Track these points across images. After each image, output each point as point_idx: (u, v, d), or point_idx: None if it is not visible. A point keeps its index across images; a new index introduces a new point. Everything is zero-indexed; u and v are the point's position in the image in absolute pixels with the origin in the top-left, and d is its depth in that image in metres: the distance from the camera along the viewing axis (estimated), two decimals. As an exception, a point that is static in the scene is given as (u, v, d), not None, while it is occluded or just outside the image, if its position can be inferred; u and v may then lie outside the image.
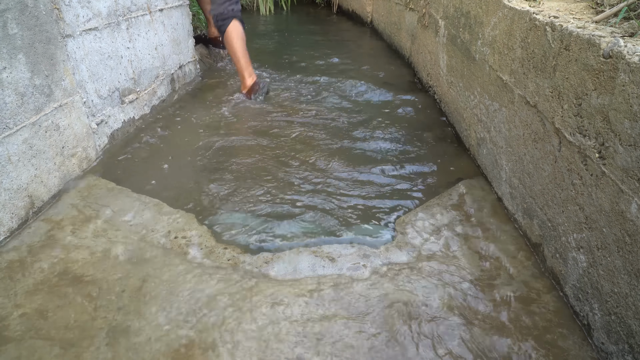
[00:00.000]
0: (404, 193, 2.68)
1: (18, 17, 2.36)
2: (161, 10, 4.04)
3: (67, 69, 2.77)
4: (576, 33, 1.84)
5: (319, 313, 1.81)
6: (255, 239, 2.27)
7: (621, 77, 1.56)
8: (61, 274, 1.98)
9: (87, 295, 1.87)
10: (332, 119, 3.68)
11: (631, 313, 1.57)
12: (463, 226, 2.36)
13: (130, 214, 2.42)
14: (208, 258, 2.12)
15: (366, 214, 2.48)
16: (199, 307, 1.83)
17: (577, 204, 1.87)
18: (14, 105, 2.36)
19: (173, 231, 2.30)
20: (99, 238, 2.23)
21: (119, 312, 1.81)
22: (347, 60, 5.35)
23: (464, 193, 2.67)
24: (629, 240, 1.56)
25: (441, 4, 3.90)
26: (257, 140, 3.29)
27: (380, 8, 6.86)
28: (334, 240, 2.26)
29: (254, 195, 2.61)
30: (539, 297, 1.91)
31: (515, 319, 1.80)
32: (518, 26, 2.36)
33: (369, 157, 3.09)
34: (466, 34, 3.19)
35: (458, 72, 3.42)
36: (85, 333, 1.71)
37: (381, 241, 2.26)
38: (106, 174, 2.83)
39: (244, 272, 2.03)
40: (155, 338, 1.70)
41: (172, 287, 1.94)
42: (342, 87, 4.38)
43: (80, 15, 2.89)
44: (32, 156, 2.50)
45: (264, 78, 4.58)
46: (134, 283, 1.96)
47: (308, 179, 2.79)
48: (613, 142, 1.62)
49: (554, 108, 2.02)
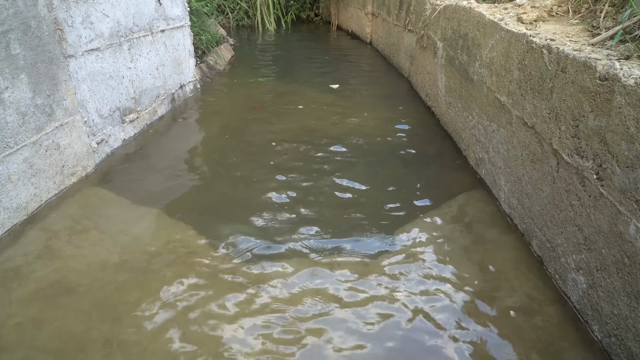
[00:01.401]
0: (403, 205, 2.68)
1: (21, 37, 2.39)
2: (163, 31, 4.09)
3: (69, 89, 2.80)
4: (572, 55, 1.87)
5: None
6: (253, 247, 2.28)
7: (617, 100, 1.58)
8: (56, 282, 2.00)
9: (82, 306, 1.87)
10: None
11: (631, 335, 1.56)
12: (463, 237, 2.37)
13: (128, 224, 2.44)
14: (207, 267, 2.13)
15: (366, 225, 2.49)
16: (194, 315, 1.84)
17: (576, 225, 1.87)
18: (15, 124, 2.38)
19: (171, 241, 2.31)
20: (95, 247, 2.25)
21: (114, 323, 1.80)
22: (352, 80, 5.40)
23: (464, 205, 2.68)
24: (628, 262, 1.55)
25: (439, 26, 3.95)
26: (256, 152, 3.30)
27: (379, 29, 6.95)
28: (335, 251, 2.27)
29: (250, 206, 2.62)
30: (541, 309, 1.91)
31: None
32: (515, 48, 2.39)
33: (368, 170, 3.11)
34: (464, 56, 3.23)
35: (456, 93, 3.45)
36: (80, 344, 1.70)
37: (381, 252, 2.28)
38: (104, 186, 2.86)
39: (241, 283, 2.04)
40: (151, 350, 1.69)
41: (165, 295, 1.94)
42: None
43: (83, 36, 2.93)
44: (32, 175, 2.51)
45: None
46: (131, 293, 1.96)
47: (294, 186, 2.82)
48: (610, 163, 1.63)
49: (552, 129, 2.03)
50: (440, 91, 3.90)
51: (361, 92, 4.95)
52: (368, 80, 5.53)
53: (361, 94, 4.89)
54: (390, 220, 2.53)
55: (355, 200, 2.75)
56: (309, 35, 8.73)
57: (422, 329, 1.81)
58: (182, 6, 4.50)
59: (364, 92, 4.99)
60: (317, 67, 6.17)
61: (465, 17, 3.25)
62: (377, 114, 4.23)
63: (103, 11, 3.13)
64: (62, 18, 2.71)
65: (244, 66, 6.15)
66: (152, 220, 2.49)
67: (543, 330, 1.82)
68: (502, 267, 2.16)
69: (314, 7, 10.15)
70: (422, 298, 1.98)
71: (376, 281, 2.07)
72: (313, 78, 5.58)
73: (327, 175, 3.03)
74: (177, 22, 4.38)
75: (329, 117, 4.10)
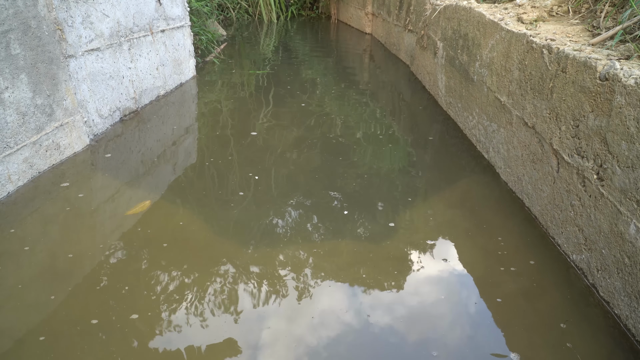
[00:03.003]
0: (407, 189, 2.68)
1: (21, 37, 2.39)
2: (163, 31, 4.09)
3: (69, 89, 2.80)
4: (572, 55, 1.87)
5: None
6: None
7: (618, 100, 1.58)
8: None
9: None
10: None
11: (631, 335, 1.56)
12: (466, 221, 2.35)
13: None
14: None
15: (369, 210, 2.47)
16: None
17: (577, 225, 1.87)
18: (15, 124, 2.38)
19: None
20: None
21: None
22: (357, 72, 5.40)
23: (468, 189, 2.66)
24: (628, 262, 1.55)
25: (439, 26, 3.95)
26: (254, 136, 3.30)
27: (379, 29, 6.95)
28: (337, 235, 2.27)
29: (243, 185, 2.61)
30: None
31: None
32: (515, 48, 2.39)
33: (373, 156, 3.11)
34: (464, 56, 3.23)
35: (457, 93, 3.44)
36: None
37: (383, 237, 2.26)
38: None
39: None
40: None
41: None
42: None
43: (83, 36, 2.93)
44: (33, 175, 2.51)
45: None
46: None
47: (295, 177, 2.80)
48: (611, 163, 1.63)
49: (552, 129, 2.03)
50: (441, 91, 3.90)
51: (361, 86, 4.95)
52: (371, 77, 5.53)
53: (362, 89, 4.89)
54: (391, 205, 2.51)
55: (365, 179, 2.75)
56: (310, 35, 8.74)
57: (426, 312, 1.80)
58: (182, 6, 4.50)
59: (365, 86, 4.99)
60: (311, 50, 6.17)
61: (465, 17, 3.25)
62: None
63: (103, 11, 3.13)
64: (62, 18, 2.71)
65: (242, 64, 6.15)
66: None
67: (546, 313, 1.79)
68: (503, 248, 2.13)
69: (314, 7, 10.16)
70: (424, 278, 1.96)
71: (377, 264, 2.05)
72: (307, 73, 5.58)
73: (336, 161, 3.02)
74: (177, 22, 4.38)
75: (335, 123, 4.10)
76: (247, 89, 4.72)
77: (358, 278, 2.00)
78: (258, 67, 5.65)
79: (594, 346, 1.60)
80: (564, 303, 1.78)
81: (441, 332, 1.72)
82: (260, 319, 1.77)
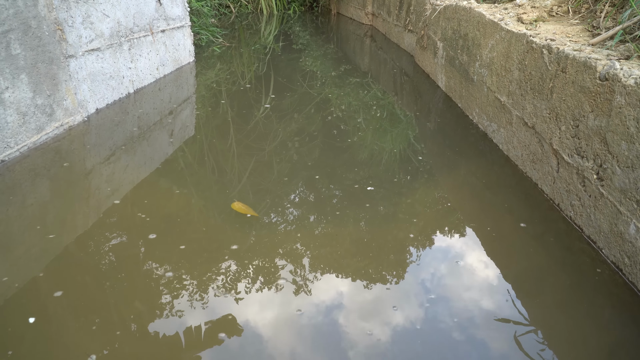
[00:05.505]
0: (411, 172, 2.68)
1: (21, 37, 2.39)
2: (163, 31, 4.09)
3: (69, 89, 2.80)
4: (572, 55, 1.87)
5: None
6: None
7: (617, 100, 1.58)
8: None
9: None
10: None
11: (632, 335, 1.56)
12: (469, 202, 2.34)
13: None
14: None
15: (375, 191, 2.47)
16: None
17: (577, 225, 1.87)
18: (15, 124, 2.38)
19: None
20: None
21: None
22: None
23: (470, 172, 2.65)
24: (628, 262, 1.55)
25: (439, 26, 3.95)
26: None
27: (379, 29, 6.95)
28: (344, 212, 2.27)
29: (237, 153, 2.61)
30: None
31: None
32: (515, 48, 2.39)
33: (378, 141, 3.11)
34: (464, 56, 3.23)
35: (456, 93, 3.45)
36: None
37: (387, 219, 2.27)
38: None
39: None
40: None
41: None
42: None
43: (83, 36, 2.93)
44: (32, 175, 2.51)
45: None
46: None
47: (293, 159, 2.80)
48: (611, 163, 1.63)
49: (552, 129, 2.03)
50: (441, 90, 3.90)
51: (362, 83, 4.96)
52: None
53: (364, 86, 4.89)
54: (397, 187, 2.51)
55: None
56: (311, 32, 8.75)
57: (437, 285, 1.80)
58: (182, 6, 4.50)
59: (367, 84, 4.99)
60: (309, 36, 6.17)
61: (465, 17, 3.25)
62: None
63: (103, 11, 3.13)
64: (62, 18, 2.71)
65: (241, 62, 6.16)
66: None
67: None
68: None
69: (313, 6, 10.18)
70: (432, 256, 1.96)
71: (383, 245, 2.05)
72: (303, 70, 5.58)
73: (339, 151, 3.02)
74: (178, 22, 4.38)
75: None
76: (246, 79, 4.72)
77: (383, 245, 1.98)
78: (258, 56, 5.66)
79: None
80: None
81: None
82: (264, 302, 1.76)
